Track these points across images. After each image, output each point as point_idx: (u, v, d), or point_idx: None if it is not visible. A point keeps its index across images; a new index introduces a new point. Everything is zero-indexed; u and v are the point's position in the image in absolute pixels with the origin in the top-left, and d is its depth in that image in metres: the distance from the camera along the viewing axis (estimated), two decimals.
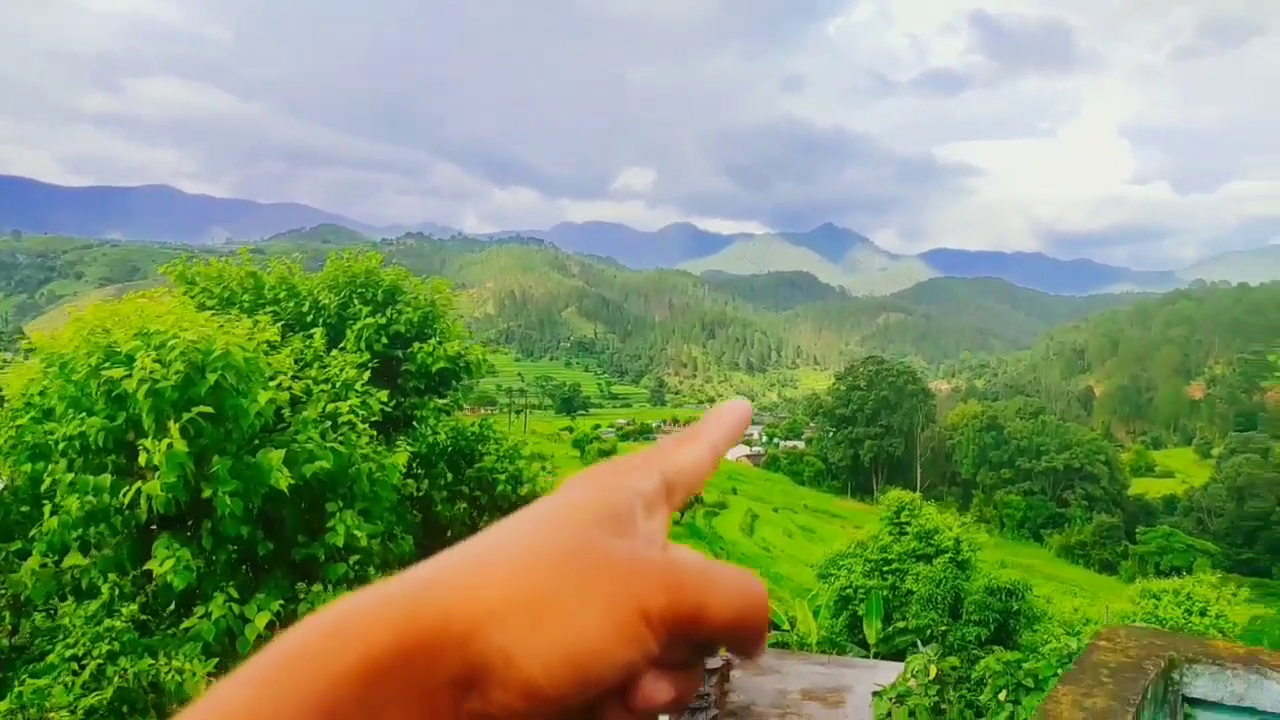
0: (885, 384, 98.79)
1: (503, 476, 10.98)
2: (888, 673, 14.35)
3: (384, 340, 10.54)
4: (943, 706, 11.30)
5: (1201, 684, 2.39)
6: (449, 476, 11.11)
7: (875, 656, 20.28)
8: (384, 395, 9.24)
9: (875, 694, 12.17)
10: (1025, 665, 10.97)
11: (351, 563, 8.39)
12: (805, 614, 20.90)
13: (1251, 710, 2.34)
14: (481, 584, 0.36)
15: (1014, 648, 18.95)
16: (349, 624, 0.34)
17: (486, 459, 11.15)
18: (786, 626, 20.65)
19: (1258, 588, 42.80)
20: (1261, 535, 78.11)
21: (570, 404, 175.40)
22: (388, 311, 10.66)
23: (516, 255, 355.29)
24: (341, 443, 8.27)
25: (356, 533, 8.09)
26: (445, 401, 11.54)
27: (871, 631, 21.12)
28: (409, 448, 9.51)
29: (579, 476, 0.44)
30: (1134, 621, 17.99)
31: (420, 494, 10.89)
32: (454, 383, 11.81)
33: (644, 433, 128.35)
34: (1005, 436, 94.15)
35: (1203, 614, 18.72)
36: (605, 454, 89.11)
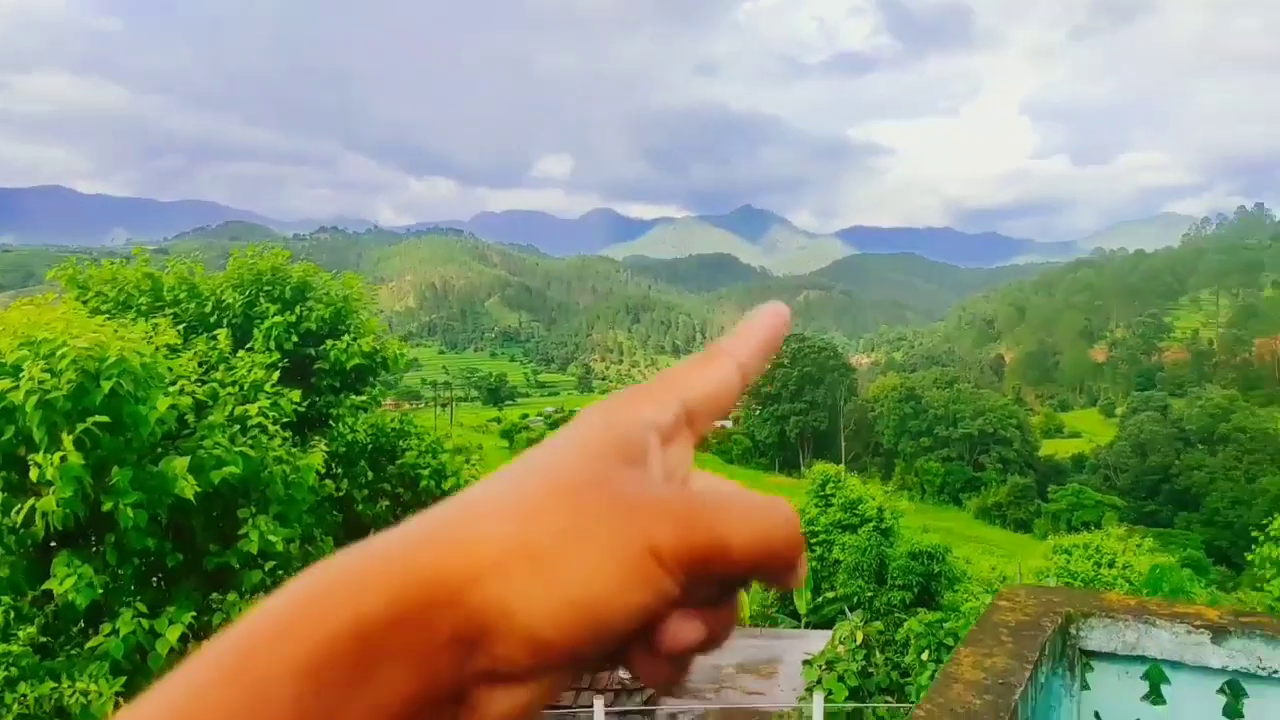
0: (808, 360, 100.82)
1: (426, 472, 10.80)
2: (818, 641, 14.75)
3: (294, 339, 10.19)
4: (870, 670, 11.65)
5: (1096, 636, 2.49)
6: (370, 475, 10.86)
7: (806, 626, 20.81)
8: (296, 395, 8.95)
9: (806, 662, 12.48)
10: (946, 625, 11.41)
11: (268, 569, 8.12)
12: None
13: (1142, 658, 2.44)
14: (479, 534, 0.34)
15: (936, 608, 19.63)
16: (338, 585, 0.32)
17: (408, 455, 10.94)
18: None
19: (1160, 537, 45.20)
20: (1162, 488, 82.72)
21: (497, 395, 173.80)
22: (297, 309, 10.30)
23: (435, 246, 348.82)
24: (252, 446, 7.98)
25: (271, 538, 7.82)
26: (363, 399, 11.24)
27: (802, 602, 21.63)
28: (325, 448, 9.23)
29: (590, 409, 0.41)
30: (1047, 576, 18.82)
31: (340, 494, 10.61)
32: (371, 379, 11.52)
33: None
34: (923, 406, 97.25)
35: (1110, 565, 19.72)
36: (534, 443, 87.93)
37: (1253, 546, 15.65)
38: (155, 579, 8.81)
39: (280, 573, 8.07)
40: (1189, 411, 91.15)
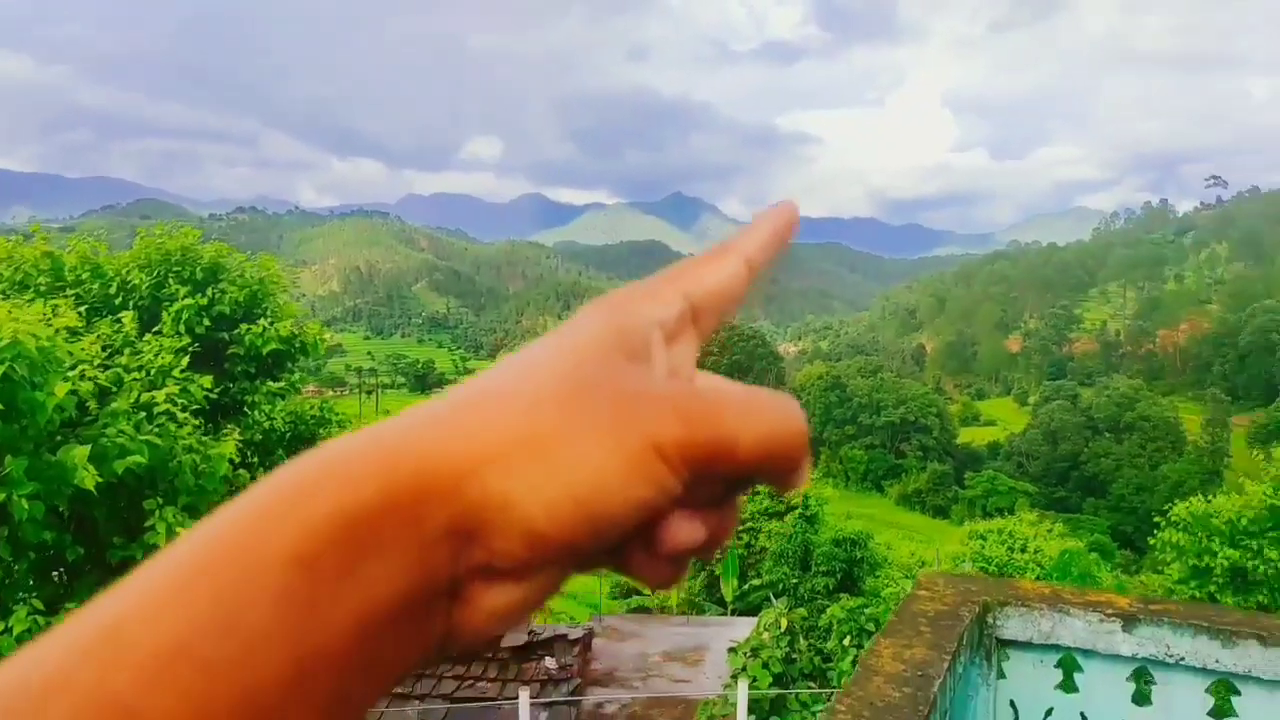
0: (737, 349, 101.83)
1: None
2: (744, 628, 14.90)
3: (206, 322, 9.75)
4: (794, 656, 11.82)
5: (1012, 625, 2.52)
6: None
7: (733, 613, 21.03)
8: (207, 381, 8.57)
9: (731, 650, 12.60)
10: (867, 611, 11.64)
11: None
12: None
13: (1056, 646, 2.48)
14: (477, 424, 0.32)
15: (859, 594, 20.09)
16: (329, 473, 0.31)
17: None
18: (647, 591, 21.07)
19: (1069, 522, 47.20)
20: (1072, 475, 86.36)
21: (425, 381, 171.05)
22: (209, 291, 9.86)
23: (361, 229, 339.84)
24: (159, 434, 7.61)
25: (179, 530, 7.49)
26: (280, 385, 10.85)
27: (728, 589, 21.85)
28: (238, 436, 8.87)
29: (591, 305, 0.40)
30: (964, 561, 19.41)
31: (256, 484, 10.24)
32: (290, 365, 11.13)
33: None
34: (848, 394, 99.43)
35: (1023, 550, 20.44)
36: None
37: (1154, 531, 16.36)
38: (56, 573, 8.37)
39: None
40: (1097, 401, 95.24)
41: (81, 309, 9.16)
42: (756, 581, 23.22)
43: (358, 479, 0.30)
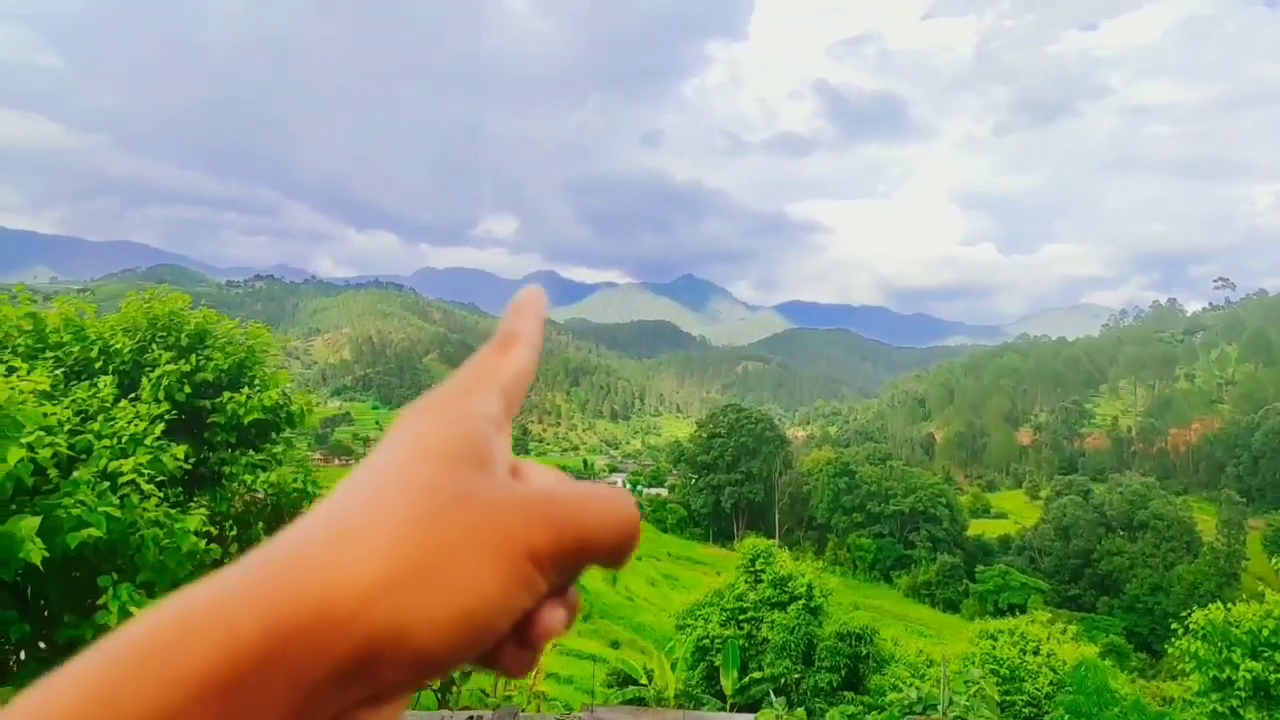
0: (745, 431, 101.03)
1: None
2: None
3: (188, 389, 9.45)
4: None
5: None
6: (265, 538, 10.04)
7: (732, 708, 20.07)
8: (181, 451, 8.20)
9: None
10: (867, 718, 10.97)
11: None
12: (663, 667, 20.47)
13: None
14: (355, 555, 0.32)
15: (863, 691, 19.17)
16: (206, 612, 0.29)
17: None
18: (644, 681, 20.15)
19: (1083, 622, 45.74)
20: (1085, 572, 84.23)
21: None
22: (193, 358, 9.60)
23: (375, 300, 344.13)
24: (120, 506, 7.21)
25: (134, 610, 7.02)
26: (262, 456, 10.48)
27: (728, 682, 20.92)
28: (207, 508, 8.45)
29: (420, 410, 0.39)
30: (973, 661, 18.49)
31: (230, 560, 9.78)
32: (274, 434, 10.78)
33: None
34: (856, 481, 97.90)
35: (1035, 652, 19.55)
36: None
37: (1171, 639, 15.58)
38: None
39: None
40: (1109, 497, 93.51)
41: (59, 372, 8.88)
42: (757, 675, 22.25)
43: (236, 624, 0.29)
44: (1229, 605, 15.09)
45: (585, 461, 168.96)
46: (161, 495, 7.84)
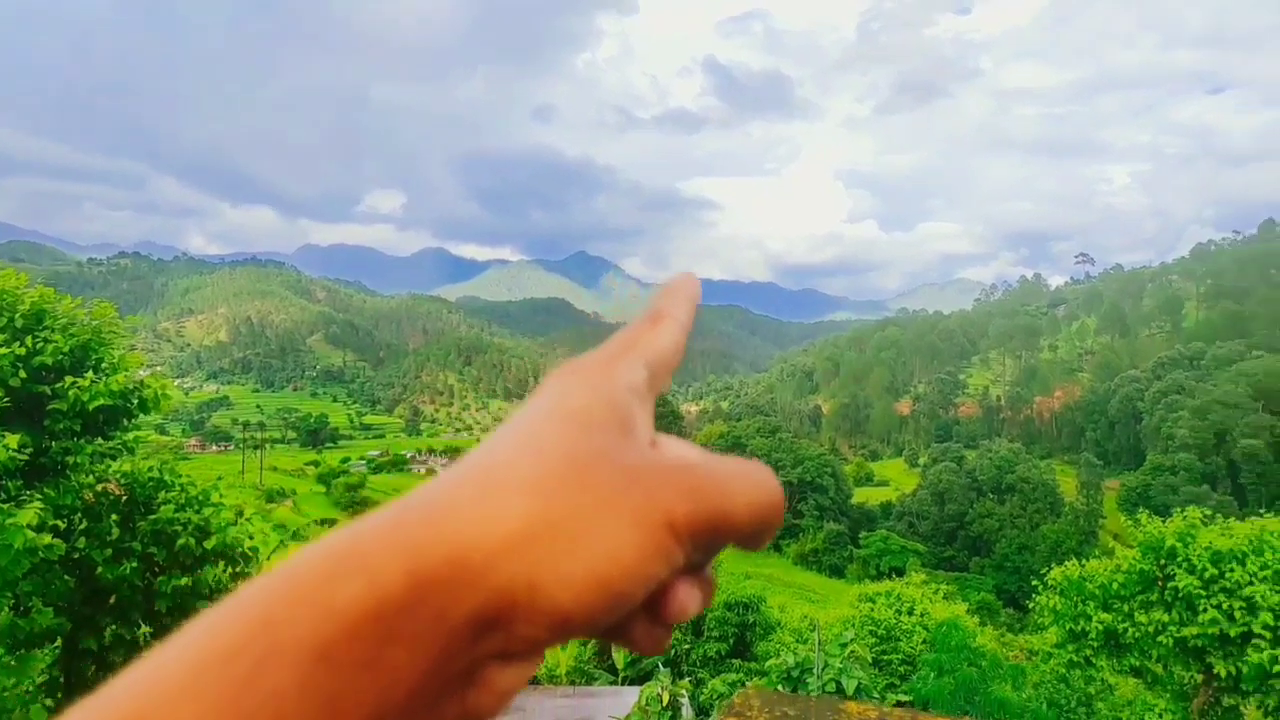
0: None
1: (184, 528, 9.46)
2: (632, 697, 14.22)
3: (23, 374, 8.70)
4: None
5: None
6: (116, 532, 9.39)
7: (624, 682, 20.23)
8: (14, 440, 7.56)
9: None
10: (749, 684, 11.21)
11: None
12: None
13: None
14: (496, 509, 0.33)
15: (751, 659, 19.67)
16: (353, 555, 0.31)
17: (164, 509, 9.55)
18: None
19: (957, 581, 48.33)
20: (959, 534, 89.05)
21: (317, 436, 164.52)
22: (28, 340, 8.83)
23: (254, 278, 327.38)
24: None
25: None
26: (111, 444, 9.77)
27: (620, 656, 21.08)
28: (43, 502, 7.83)
29: (568, 373, 0.40)
30: (853, 624, 19.26)
31: (78, 555, 9.10)
32: (125, 421, 10.06)
33: (397, 464, 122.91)
34: (747, 454, 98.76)
35: (910, 613, 20.51)
36: (353, 489, 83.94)
37: (1033, 595, 16.62)
38: None
39: None
40: (980, 463, 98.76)
41: None
42: None
43: (381, 567, 0.30)
44: (1084, 561, 16.18)
45: (479, 442, 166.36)
46: None
